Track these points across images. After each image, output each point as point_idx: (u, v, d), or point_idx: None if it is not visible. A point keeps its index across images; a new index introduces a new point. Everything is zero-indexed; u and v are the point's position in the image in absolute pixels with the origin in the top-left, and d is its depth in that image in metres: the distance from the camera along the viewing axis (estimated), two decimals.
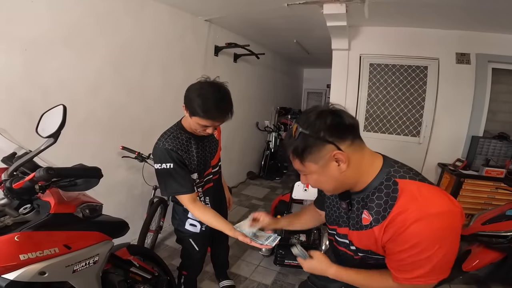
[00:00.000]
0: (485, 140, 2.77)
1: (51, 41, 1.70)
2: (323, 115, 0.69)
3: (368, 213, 0.74)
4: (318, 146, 0.68)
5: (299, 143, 0.70)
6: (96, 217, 1.12)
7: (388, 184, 0.71)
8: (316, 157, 0.69)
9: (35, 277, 0.81)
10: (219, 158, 1.54)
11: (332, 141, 0.67)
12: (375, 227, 0.72)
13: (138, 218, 2.18)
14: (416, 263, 0.66)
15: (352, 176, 0.73)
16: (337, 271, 0.85)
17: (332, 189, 0.78)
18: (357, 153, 0.72)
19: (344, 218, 0.87)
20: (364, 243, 0.78)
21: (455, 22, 2.65)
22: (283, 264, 2.10)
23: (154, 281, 1.49)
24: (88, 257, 0.99)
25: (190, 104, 1.16)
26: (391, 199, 0.69)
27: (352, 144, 0.70)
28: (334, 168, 0.70)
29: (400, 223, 0.65)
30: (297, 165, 0.75)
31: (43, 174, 0.77)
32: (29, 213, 0.95)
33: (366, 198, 0.75)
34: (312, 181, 0.77)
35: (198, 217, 1.26)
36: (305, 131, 0.68)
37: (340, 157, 0.68)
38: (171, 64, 2.60)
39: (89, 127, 1.98)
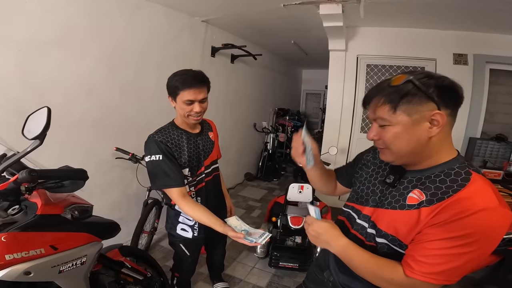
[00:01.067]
0: (482, 141, 2.76)
1: (45, 41, 1.70)
2: (439, 77, 0.66)
3: (420, 192, 0.69)
4: (422, 99, 0.63)
5: (400, 90, 0.65)
6: (86, 218, 1.12)
7: (460, 172, 0.66)
8: (413, 110, 0.64)
9: (20, 277, 0.82)
10: (214, 161, 1.52)
11: (437, 101, 0.63)
12: (424, 207, 0.66)
13: (133, 219, 2.18)
14: (448, 256, 0.61)
15: (431, 148, 0.68)
16: (348, 243, 0.76)
17: (405, 151, 0.69)
18: (448, 127, 0.67)
19: (376, 196, 0.80)
20: (395, 225, 0.72)
21: (453, 23, 2.65)
22: (278, 266, 2.09)
23: (146, 282, 1.49)
24: (75, 258, 0.98)
25: (170, 87, 1.25)
26: (458, 186, 0.64)
27: (450, 115, 0.66)
28: (424, 129, 0.65)
29: (463, 207, 0.60)
30: (382, 112, 0.67)
31: (26, 175, 0.78)
32: (17, 214, 0.95)
33: (425, 178, 0.70)
34: (391, 134, 0.68)
35: (187, 213, 1.25)
36: (415, 81, 0.64)
37: (439, 118, 0.63)
38: (167, 65, 2.60)
39: (83, 128, 1.98)
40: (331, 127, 3.33)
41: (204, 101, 1.28)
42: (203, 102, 1.28)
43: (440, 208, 0.63)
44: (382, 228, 0.74)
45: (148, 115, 2.46)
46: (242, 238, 1.08)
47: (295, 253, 2.10)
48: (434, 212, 0.64)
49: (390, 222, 0.73)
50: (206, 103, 1.31)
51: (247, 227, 1.17)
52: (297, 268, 2.07)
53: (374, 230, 0.77)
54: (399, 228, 0.70)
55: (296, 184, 2.28)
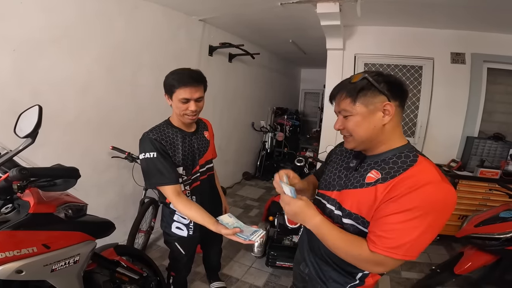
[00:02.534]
0: (480, 140, 2.75)
1: (41, 41, 1.69)
2: (389, 76, 0.79)
3: (376, 172, 0.79)
4: (374, 93, 0.76)
5: (358, 85, 0.78)
6: (80, 217, 1.11)
7: (409, 155, 0.78)
8: (369, 101, 0.77)
9: (12, 275, 0.81)
10: (208, 160, 1.52)
11: (387, 94, 0.76)
12: (379, 184, 0.76)
13: (129, 219, 2.17)
14: (402, 230, 0.69)
15: (384, 135, 0.80)
16: (322, 221, 0.82)
17: (364, 137, 0.81)
18: (397, 117, 0.80)
19: (342, 180, 0.90)
20: (357, 203, 0.80)
21: (450, 22, 2.65)
22: (275, 265, 2.09)
23: (141, 281, 1.48)
24: (68, 257, 0.98)
25: (167, 85, 1.25)
26: (407, 166, 0.75)
27: (398, 106, 0.79)
28: (379, 118, 0.77)
29: (411, 183, 0.70)
30: (345, 105, 0.80)
31: (16, 173, 0.78)
32: (10, 213, 0.94)
33: (381, 161, 0.81)
34: (352, 123, 0.80)
35: (181, 211, 1.24)
36: (369, 77, 0.77)
37: (389, 108, 0.76)
38: (165, 64, 2.59)
39: (79, 127, 1.97)
40: (329, 127, 3.32)
41: (200, 100, 1.27)
42: (199, 101, 1.27)
43: (392, 184, 0.73)
44: (347, 207, 0.83)
45: (145, 114, 2.46)
46: (234, 235, 1.06)
47: (292, 253, 2.08)
48: (388, 187, 0.74)
49: (354, 201, 0.82)
50: (202, 102, 1.30)
51: (240, 223, 1.14)
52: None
53: (340, 211, 0.86)
54: (361, 205, 0.80)
55: None
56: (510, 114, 2.95)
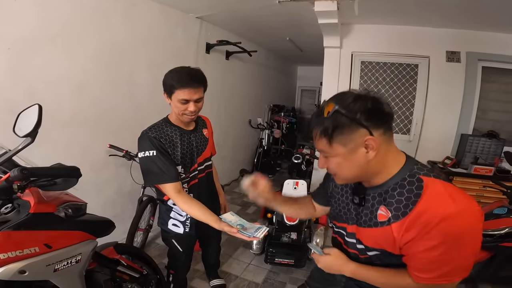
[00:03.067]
0: (474, 138, 2.79)
1: (36, 39, 1.67)
2: (362, 98, 0.67)
3: (386, 209, 0.72)
4: (352, 128, 0.66)
5: (331, 122, 0.67)
6: (80, 216, 1.11)
7: (412, 181, 0.69)
8: (347, 140, 0.67)
9: (15, 276, 0.81)
10: (207, 158, 1.52)
11: (367, 125, 0.65)
12: (393, 223, 0.70)
13: (128, 217, 2.17)
14: (441, 261, 0.65)
15: (376, 167, 0.72)
16: (356, 267, 0.82)
17: (352, 176, 0.75)
18: (385, 144, 0.70)
19: (353, 214, 0.84)
20: (377, 241, 0.76)
21: (446, 20, 2.67)
22: (274, 262, 2.10)
23: (142, 280, 1.49)
24: (69, 256, 0.98)
25: (166, 84, 1.23)
26: (415, 196, 0.67)
27: (384, 133, 0.69)
28: (362, 155, 0.68)
29: (425, 222, 0.63)
30: (322, 146, 0.72)
31: (18, 174, 0.77)
32: (10, 213, 0.93)
33: (385, 193, 0.73)
34: (334, 164, 0.73)
35: (183, 208, 1.24)
36: (341, 110, 0.65)
37: (372, 143, 0.66)
38: (162, 62, 2.57)
39: (76, 126, 1.96)
40: None
41: (199, 100, 1.27)
42: (199, 101, 1.27)
43: (407, 223, 0.67)
44: (368, 245, 0.78)
45: (143, 112, 2.44)
46: (237, 232, 1.06)
47: (290, 249, 2.11)
48: (403, 227, 0.68)
49: (372, 239, 0.77)
50: (202, 103, 1.29)
51: (243, 221, 1.14)
52: (292, 264, 2.09)
53: (363, 246, 0.81)
54: (381, 243, 0.75)
55: (291, 180, 2.29)
56: (503, 112, 3.00)
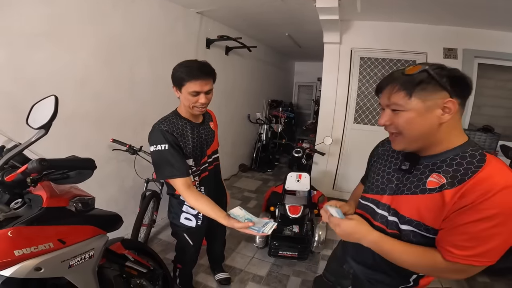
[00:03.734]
0: (469, 132, 2.85)
1: (36, 34, 1.64)
2: (449, 69, 0.69)
3: (439, 176, 0.71)
4: (436, 87, 0.67)
5: (416, 77, 0.68)
6: (89, 211, 1.09)
7: (474, 154, 0.69)
8: (427, 96, 0.68)
9: (31, 273, 0.80)
10: (215, 150, 1.53)
11: (450, 90, 0.67)
12: (447, 190, 0.68)
13: (131, 212, 2.16)
14: (484, 238, 0.64)
15: (443, 134, 0.71)
16: (380, 236, 0.78)
17: (417, 136, 0.72)
18: (458, 115, 0.71)
19: (393, 184, 0.82)
20: (418, 210, 0.73)
21: (444, 18, 2.71)
22: (277, 255, 2.13)
23: (149, 275, 1.48)
24: (83, 252, 0.97)
25: (176, 78, 1.23)
26: (475, 167, 0.66)
27: (460, 104, 0.69)
28: (437, 115, 0.68)
29: (485, 188, 0.62)
30: (397, 98, 0.71)
31: (36, 165, 0.74)
32: (20, 208, 0.91)
33: (441, 162, 0.72)
34: (404, 119, 0.71)
35: (192, 204, 1.24)
36: (430, 70, 0.67)
37: (451, 106, 0.67)
38: (162, 57, 2.54)
39: (78, 120, 1.93)
40: (325, 118, 3.38)
41: (209, 92, 1.27)
42: (209, 93, 1.27)
43: (464, 189, 0.65)
44: (405, 214, 0.75)
45: (144, 107, 2.42)
46: (247, 228, 1.06)
47: (293, 242, 2.14)
48: (458, 193, 0.66)
49: (413, 208, 0.74)
50: (211, 94, 1.30)
51: (250, 216, 1.14)
52: (296, 256, 2.12)
53: (396, 218, 0.78)
54: (424, 212, 0.72)
55: (294, 173, 2.30)
56: (498, 107, 3.08)
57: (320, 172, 3.48)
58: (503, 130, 3.01)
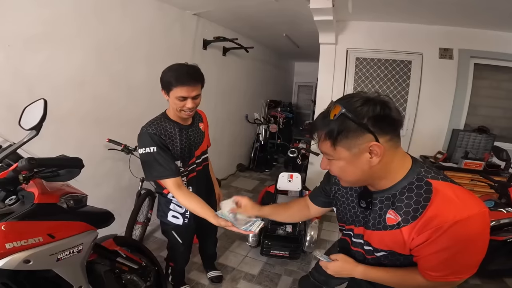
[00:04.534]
0: (465, 133, 2.86)
1: (34, 36, 1.68)
2: (371, 102, 0.65)
3: (395, 213, 0.73)
4: (357, 132, 0.65)
5: (336, 125, 0.66)
6: (81, 207, 1.14)
7: (420, 184, 0.69)
8: (351, 144, 0.66)
9: (20, 265, 0.83)
10: (204, 151, 1.56)
11: (373, 131, 0.64)
12: (404, 227, 0.70)
13: (126, 211, 2.20)
14: (451, 262, 0.67)
15: (380, 172, 0.72)
16: (365, 269, 0.84)
17: (354, 180, 0.75)
18: (391, 150, 0.69)
19: (359, 217, 0.85)
20: (386, 243, 0.77)
21: (439, 18, 2.71)
22: (269, 254, 2.16)
23: (141, 271, 1.52)
24: (72, 246, 1.00)
25: (164, 82, 1.25)
26: (424, 200, 0.67)
27: (390, 140, 0.68)
28: (365, 160, 0.68)
29: (436, 226, 0.64)
30: (326, 148, 0.71)
31: (25, 164, 0.79)
32: (14, 204, 0.96)
33: (392, 197, 0.74)
34: (337, 168, 0.73)
35: (182, 203, 1.28)
36: (348, 113, 0.64)
37: (376, 149, 0.65)
38: (159, 58, 2.59)
39: (75, 120, 1.98)
40: None
41: (197, 97, 1.29)
42: (196, 98, 1.29)
43: (418, 227, 0.67)
44: (377, 247, 0.80)
45: (139, 107, 2.47)
46: (233, 227, 1.09)
47: (285, 242, 2.16)
48: (413, 231, 0.68)
49: (382, 241, 0.78)
50: (199, 99, 1.32)
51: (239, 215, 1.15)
52: (287, 256, 2.14)
53: (371, 247, 0.82)
54: (391, 245, 0.76)
55: (286, 173, 2.33)
56: (494, 108, 3.07)
57: (315, 173, 3.50)
58: (499, 131, 3.01)
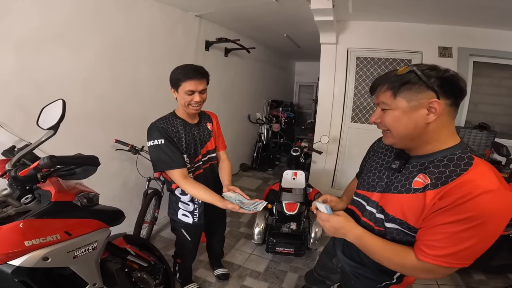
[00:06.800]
0: (466, 130, 2.88)
1: (43, 38, 1.72)
2: (439, 69, 0.69)
3: (425, 176, 0.72)
4: (421, 88, 0.68)
5: (403, 77, 0.70)
6: (94, 206, 1.17)
7: (463, 157, 0.69)
8: (412, 96, 0.69)
9: (39, 263, 0.86)
10: (211, 150, 1.59)
11: (437, 90, 0.67)
12: (429, 191, 0.69)
13: (133, 210, 2.23)
14: (458, 239, 0.64)
15: (429, 135, 0.72)
16: (363, 232, 0.81)
17: (404, 134, 0.74)
18: (447, 116, 0.70)
19: (383, 182, 0.84)
20: (402, 209, 0.75)
21: (437, 17, 2.74)
22: (275, 251, 2.18)
23: (150, 269, 1.55)
24: (87, 244, 1.04)
25: (173, 79, 1.34)
26: (461, 170, 0.66)
27: (450, 105, 0.69)
28: (422, 115, 0.69)
29: (466, 191, 0.62)
30: (385, 98, 0.73)
31: (47, 161, 0.83)
32: (30, 203, 0.99)
33: (429, 163, 0.73)
34: (391, 118, 0.74)
35: (190, 192, 1.34)
36: (417, 71, 0.68)
37: (436, 106, 0.67)
38: (163, 60, 2.62)
39: (83, 122, 2.01)
40: (323, 118, 3.43)
41: (203, 92, 1.37)
42: (203, 93, 1.37)
43: (444, 191, 0.66)
44: (390, 213, 0.78)
45: (145, 108, 2.50)
46: (240, 209, 1.18)
47: (290, 239, 2.19)
48: (438, 195, 0.67)
49: (398, 206, 0.76)
50: (205, 94, 1.40)
51: (242, 198, 1.28)
52: (292, 253, 2.17)
53: (383, 215, 0.81)
54: (406, 211, 0.74)
55: (290, 171, 2.36)
56: (494, 105, 3.10)
57: (318, 171, 3.54)
58: (500, 127, 3.04)
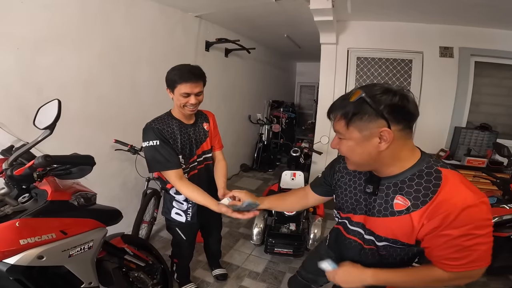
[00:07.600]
0: (467, 130, 2.86)
1: (43, 39, 1.74)
2: (391, 92, 0.68)
3: (404, 198, 0.73)
4: (371, 117, 0.68)
5: (353, 107, 0.70)
6: (90, 205, 1.17)
7: (430, 172, 0.71)
8: (363, 126, 0.70)
9: (34, 261, 0.86)
10: (207, 150, 1.58)
11: (387, 118, 0.67)
12: (413, 212, 0.71)
13: (132, 210, 2.24)
14: (469, 248, 0.66)
15: (387, 159, 0.74)
16: (374, 272, 0.82)
17: (360, 162, 0.76)
18: (401, 140, 0.72)
19: (362, 205, 0.85)
20: (392, 231, 0.76)
21: (438, 17, 2.72)
22: (273, 252, 2.17)
23: (148, 268, 1.55)
24: (83, 243, 1.04)
25: (169, 80, 1.33)
26: (434, 186, 0.69)
27: (402, 130, 0.70)
28: (374, 144, 0.70)
29: (449, 210, 0.65)
30: (339, 127, 0.74)
31: (42, 161, 0.83)
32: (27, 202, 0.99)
33: (401, 183, 0.75)
34: (345, 147, 0.76)
35: (185, 193, 1.33)
36: (367, 98, 0.67)
37: (386, 135, 0.68)
38: (162, 60, 2.63)
39: (82, 122, 2.03)
40: (323, 118, 3.41)
41: (199, 94, 1.36)
42: (199, 95, 1.36)
43: (428, 211, 0.69)
44: (381, 235, 0.80)
45: (145, 108, 2.51)
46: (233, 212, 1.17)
47: (289, 240, 2.18)
48: (424, 215, 0.70)
49: (387, 228, 0.78)
50: (202, 96, 1.38)
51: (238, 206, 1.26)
52: (291, 253, 2.16)
53: (373, 237, 0.82)
54: (396, 232, 0.76)
55: (289, 172, 2.36)
56: (496, 105, 3.08)
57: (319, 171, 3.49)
58: (502, 128, 3.01)
